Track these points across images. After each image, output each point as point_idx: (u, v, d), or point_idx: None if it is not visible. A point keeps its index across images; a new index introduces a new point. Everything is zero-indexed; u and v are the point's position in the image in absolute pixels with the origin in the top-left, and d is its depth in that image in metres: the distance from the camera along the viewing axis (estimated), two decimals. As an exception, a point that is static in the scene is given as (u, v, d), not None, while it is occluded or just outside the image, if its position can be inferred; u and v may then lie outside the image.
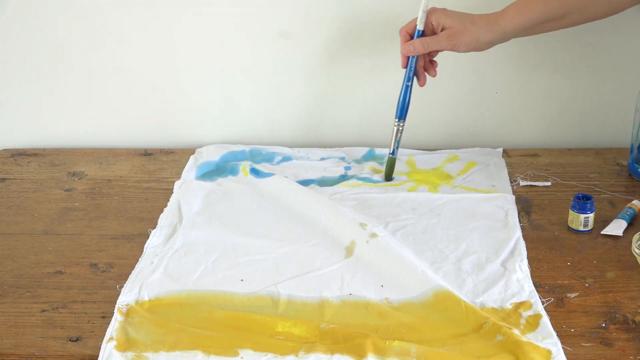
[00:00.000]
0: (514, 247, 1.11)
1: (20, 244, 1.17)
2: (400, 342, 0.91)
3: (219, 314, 0.98)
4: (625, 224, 1.15)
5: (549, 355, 0.90)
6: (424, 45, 1.20)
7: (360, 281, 1.04)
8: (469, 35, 1.18)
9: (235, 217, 1.20)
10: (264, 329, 0.95)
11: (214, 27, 1.41)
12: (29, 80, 1.45)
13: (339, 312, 0.99)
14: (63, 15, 1.40)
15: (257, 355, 0.91)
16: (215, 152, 1.39)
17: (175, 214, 1.21)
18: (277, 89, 1.45)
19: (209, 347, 0.92)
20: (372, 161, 1.38)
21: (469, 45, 1.19)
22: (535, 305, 0.99)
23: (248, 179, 1.31)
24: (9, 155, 1.45)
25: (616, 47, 1.39)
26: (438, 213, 1.20)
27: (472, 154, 1.38)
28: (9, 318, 1.00)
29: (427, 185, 1.28)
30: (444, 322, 0.97)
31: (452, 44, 1.18)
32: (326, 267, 1.07)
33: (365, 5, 1.37)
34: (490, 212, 1.20)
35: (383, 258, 1.07)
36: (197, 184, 1.29)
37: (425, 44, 1.20)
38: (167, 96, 1.46)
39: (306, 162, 1.38)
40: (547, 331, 0.94)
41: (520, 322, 0.96)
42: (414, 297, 1.01)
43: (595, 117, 1.44)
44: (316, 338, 0.94)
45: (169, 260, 1.09)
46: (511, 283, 1.03)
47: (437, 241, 1.13)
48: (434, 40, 1.19)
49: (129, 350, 0.92)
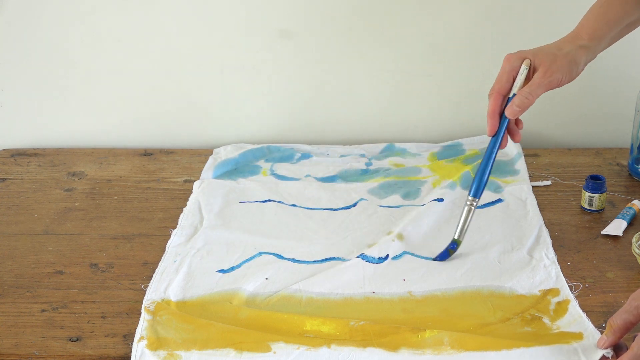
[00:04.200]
0: (538, 234, 1.13)
1: (20, 244, 1.17)
2: (431, 332, 0.92)
3: (245, 314, 0.98)
4: (625, 224, 1.15)
5: (581, 336, 0.92)
6: (527, 97, 1.03)
7: (382, 277, 1.05)
8: (565, 63, 1.04)
9: (255, 216, 1.21)
10: (292, 328, 0.95)
11: (214, 27, 1.41)
12: (29, 80, 1.46)
13: (363, 308, 0.99)
14: (63, 15, 1.40)
15: (289, 349, 0.91)
16: (233, 151, 1.39)
17: (195, 214, 1.21)
18: (277, 88, 1.45)
19: (241, 344, 0.91)
20: (392, 156, 1.38)
21: (571, 74, 1.04)
22: (563, 290, 1.00)
23: (268, 179, 1.31)
24: (9, 155, 1.45)
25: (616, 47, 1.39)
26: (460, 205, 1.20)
27: None
28: (9, 318, 1.00)
29: (450, 178, 1.28)
30: (469, 314, 0.97)
31: (555, 79, 1.03)
32: (349, 265, 1.07)
33: (365, 5, 1.37)
34: (510, 202, 1.21)
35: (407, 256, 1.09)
36: (216, 183, 1.29)
37: (528, 95, 1.03)
38: (167, 96, 1.46)
39: (327, 159, 1.38)
40: (576, 315, 0.96)
41: (549, 309, 0.97)
42: (437, 289, 1.02)
43: (595, 117, 1.44)
44: (346, 335, 0.93)
45: (192, 259, 1.10)
46: (538, 270, 1.05)
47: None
48: (534, 87, 1.03)
49: (161, 349, 0.92)
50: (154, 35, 1.41)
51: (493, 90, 1.06)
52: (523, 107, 1.03)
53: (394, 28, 1.39)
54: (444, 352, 0.89)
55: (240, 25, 1.40)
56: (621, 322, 0.86)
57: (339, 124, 1.47)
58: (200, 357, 0.90)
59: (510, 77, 1.05)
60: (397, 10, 1.38)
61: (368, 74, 1.43)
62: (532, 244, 1.11)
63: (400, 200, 1.24)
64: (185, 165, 1.39)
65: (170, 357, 0.91)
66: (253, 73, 1.44)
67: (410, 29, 1.40)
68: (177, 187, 1.32)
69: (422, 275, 1.05)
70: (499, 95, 1.05)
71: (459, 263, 1.08)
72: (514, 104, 1.03)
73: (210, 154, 1.40)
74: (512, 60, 1.06)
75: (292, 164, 1.37)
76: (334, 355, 0.90)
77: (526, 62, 1.05)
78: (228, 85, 1.45)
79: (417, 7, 1.37)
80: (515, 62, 1.05)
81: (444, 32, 1.40)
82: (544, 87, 1.03)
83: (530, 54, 1.05)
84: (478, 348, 0.89)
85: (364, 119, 1.46)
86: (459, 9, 1.38)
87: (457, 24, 1.39)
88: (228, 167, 1.35)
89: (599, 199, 1.19)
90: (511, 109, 1.04)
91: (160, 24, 1.41)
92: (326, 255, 1.11)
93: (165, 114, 1.47)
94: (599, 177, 1.20)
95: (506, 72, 1.05)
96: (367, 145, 1.43)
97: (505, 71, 1.06)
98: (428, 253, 1.10)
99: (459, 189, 1.25)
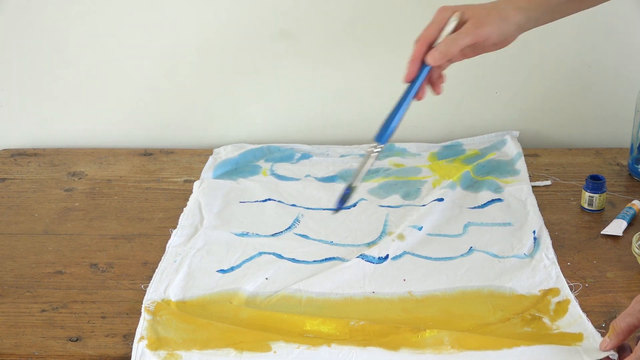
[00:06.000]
0: (538, 235, 1.12)
1: (20, 244, 1.17)
2: (431, 332, 0.92)
3: (245, 314, 0.98)
4: (625, 224, 1.15)
5: (581, 337, 0.92)
6: (451, 44, 1.01)
7: (382, 277, 1.05)
8: (496, 18, 1.01)
9: (255, 216, 1.21)
10: (293, 327, 0.95)
11: (214, 26, 1.41)
12: (29, 80, 1.46)
13: (363, 308, 1.00)
14: (63, 15, 1.40)
15: (289, 348, 0.91)
16: (233, 151, 1.39)
17: (196, 213, 1.21)
18: (277, 88, 1.45)
19: (241, 344, 0.91)
20: (392, 156, 1.38)
21: (500, 30, 1.02)
22: (563, 290, 1.00)
23: (268, 179, 1.31)
24: (9, 155, 1.45)
25: (616, 47, 1.39)
26: (460, 205, 1.21)
27: (492, 138, 1.42)
28: (9, 318, 1.00)
29: (450, 178, 1.28)
30: (469, 314, 0.98)
31: (483, 32, 1.01)
32: (349, 265, 1.07)
33: (365, 5, 1.37)
34: (510, 202, 1.22)
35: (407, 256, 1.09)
36: (216, 183, 1.29)
37: (453, 42, 1.01)
38: (167, 96, 1.46)
39: (327, 159, 1.38)
40: (576, 315, 0.96)
41: (549, 309, 0.98)
42: (437, 289, 1.02)
43: (595, 117, 1.44)
44: (346, 335, 0.93)
45: (192, 259, 1.10)
46: (538, 270, 1.05)
47: (461, 232, 1.14)
48: (460, 35, 1.01)
49: (161, 349, 0.92)
50: (154, 35, 1.41)
51: (419, 38, 1.03)
52: (445, 53, 1.00)
53: (394, 28, 1.39)
54: (444, 352, 0.89)
55: (240, 25, 1.40)
56: (624, 324, 0.86)
57: (339, 124, 1.47)
58: (201, 357, 0.90)
59: (438, 27, 1.03)
60: (397, 10, 1.38)
61: (368, 74, 1.43)
62: (532, 244, 1.11)
63: (400, 200, 1.24)
64: (185, 165, 1.39)
65: (171, 357, 0.91)
66: (253, 73, 1.44)
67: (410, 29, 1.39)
68: (177, 187, 1.32)
69: (422, 275, 1.05)
70: (425, 42, 1.02)
71: (459, 263, 1.08)
72: (437, 49, 1.01)
73: (210, 154, 1.40)
74: (442, 11, 1.03)
75: (292, 164, 1.37)
76: (334, 354, 0.90)
77: (456, 15, 1.02)
78: (228, 85, 1.45)
79: (417, 7, 1.37)
80: (445, 13, 1.03)
81: (444, 32, 1.40)
82: (470, 37, 1.01)
83: (463, 7, 1.03)
84: (478, 347, 0.89)
85: (364, 119, 1.46)
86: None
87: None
88: (228, 167, 1.35)
89: (599, 199, 1.19)
90: (433, 55, 1.01)
91: (161, 24, 1.41)
92: (326, 255, 1.11)
93: (165, 114, 1.47)
94: (599, 177, 1.20)
95: (435, 22, 1.03)
96: (367, 145, 1.43)
97: (435, 21, 1.03)
98: (428, 253, 1.10)
99: (459, 189, 1.25)
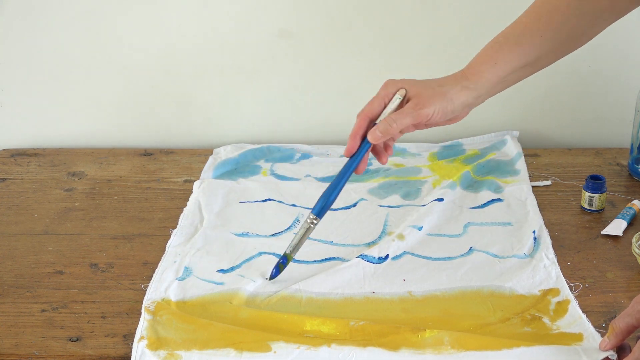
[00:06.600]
0: (538, 235, 1.12)
1: (20, 244, 1.17)
2: (431, 332, 0.92)
3: (245, 314, 0.98)
4: (625, 224, 1.15)
5: (581, 337, 0.92)
6: (391, 124, 0.99)
7: (382, 277, 1.05)
8: (439, 98, 1.00)
9: (255, 216, 1.21)
10: (293, 327, 0.95)
11: (214, 26, 1.41)
12: (29, 80, 1.46)
13: (363, 308, 1.00)
14: (63, 15, 1.40)
15: (289, 348, 0.90)
16: (233, 151, 1.39)
17: (196, 213, 1.21)
18: (277, 88, 1.45)
19: (241, 344, 0.91)
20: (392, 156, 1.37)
21: (444, 110, 1.01)
22: (563, 290, 1.01)
23: (268, 179, 1.31)
24: (9, 155, 1.45)
25: (616, 47, 1.39)
26: (460, 205, 1.21)
27: (492, 138, 1.42)
28: (9, 318, 1.00)
29: (450, 178, 1.28)
30: (469, 314, 0.98)
31: (424, 113, 1.00)
32: (349, 265, 1.07)
33: (364, 5, 1.37)
34: (510, 202, 1.22)
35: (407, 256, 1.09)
36: (216, 183, 1.29)
37: (392, 123, 0.99)
38: (168, 96, 1.46)
39: (327, 159, 1.38)
40: (576, 315, 0.96)
41: (549, 309, 0.98)
42: (437, 289, 1.02)
43: (595, 117, 1.44)
44: (346, 335, 0.93)
45: (191, 259, 1.09)
46: (538, 270, 1.05)
47: (461, 232, 1.14)
48: (401, 115, 1.00)
49: (161, 349, 0.91)
50: (154, 35, 1.41)
51: (362, 112, 1.02)
52: (385, 133, 1.00)
53: (394, 27, 1.39)
54: (444, 352, 0.89)
55: (240, 25, 1.41)
56: (624, 325, 0.86)
57: (339, 124, 1.47)
58: (201, 357, 0.90)
59: (382, 102, 1.02)
60: (396, 9, 1.38)
61: (368, 74, 1.43)
62: (532, 244, 1.11)
63: (400, 200, 1.24)
64: (185, 165, 1.39)
65: (171, 357, 0.90)
66: (253, 73, 1.44)
67: (410, 29, 1.40)
68: (177, 187, 1.32)
69: (422, 275, 1.05)
70: (366, 117, 1.02)
71: (459, 263, 1.08)
72: (377, 129, 1.00)
73: (210, 154, 1.40)
74: (388, 86, 1.03)
75: (292, 164, 1.37)
76: (334, 354, 0.90)
77: (401, 92, 1.02)
78: (228, 85, 1.45)
79: (417, 6, 1.37)
80: (390, 88, 1.03)
81: (444, 32, 1.40)
82: (410, 117, 1.00)
83: (408, 84, 1.02)
84: (478, 348, 0.89)
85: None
86: (458, 9, 1.38)
87: (457, 24, 1.39)
88: (228, 167, 1.35)
89: (599, 199, 1.19)
90: (374, 133, 1.00)
91: (160, 24, 1.41)
92: (326, 255, 1.11)
93: (165, 114, 1.48)
94: (599, 177, 1.20)
95: (379, 97, 1.03)
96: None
97: (379, 96, 1.03)
98: (428, 253, 1.10)
99: (459, 189, 1.25)
